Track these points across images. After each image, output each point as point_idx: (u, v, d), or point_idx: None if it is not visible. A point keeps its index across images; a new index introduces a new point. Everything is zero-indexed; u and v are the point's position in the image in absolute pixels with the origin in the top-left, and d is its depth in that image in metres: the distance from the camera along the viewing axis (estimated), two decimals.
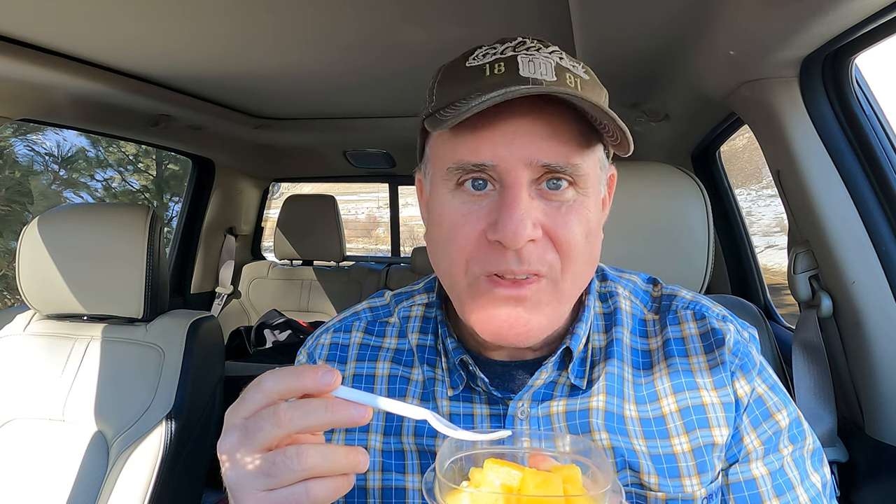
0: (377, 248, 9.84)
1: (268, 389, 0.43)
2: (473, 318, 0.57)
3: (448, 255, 0.57)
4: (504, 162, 0.53)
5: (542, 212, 0.54)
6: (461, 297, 0.58)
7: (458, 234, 0.55)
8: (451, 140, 0.56)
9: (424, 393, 0.65)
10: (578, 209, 0.55)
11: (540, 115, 0.53)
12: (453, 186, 0.56)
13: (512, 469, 0.43)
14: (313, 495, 0.41)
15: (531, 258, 0.54)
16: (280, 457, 0.42)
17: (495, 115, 0.53)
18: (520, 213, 0.52)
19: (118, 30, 1.25)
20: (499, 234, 0.52)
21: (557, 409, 0.61)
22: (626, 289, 0.70)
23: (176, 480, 1.32)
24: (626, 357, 0.64)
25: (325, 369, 0.43)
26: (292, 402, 0.43)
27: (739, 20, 0.93)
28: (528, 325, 0.55)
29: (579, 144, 0.54)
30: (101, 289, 1.42)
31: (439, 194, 0.58)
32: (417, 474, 0.62)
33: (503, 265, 0.54)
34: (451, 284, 0.59)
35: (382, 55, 1.44)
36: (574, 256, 0.55)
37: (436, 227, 0.59)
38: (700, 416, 0.60)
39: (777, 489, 0.60)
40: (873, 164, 0.97)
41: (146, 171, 4.90)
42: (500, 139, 0.53)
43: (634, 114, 1.74)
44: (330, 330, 0.72)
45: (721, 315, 0.66)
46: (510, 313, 0.55)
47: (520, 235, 0.51)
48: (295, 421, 0.42)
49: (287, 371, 0.44)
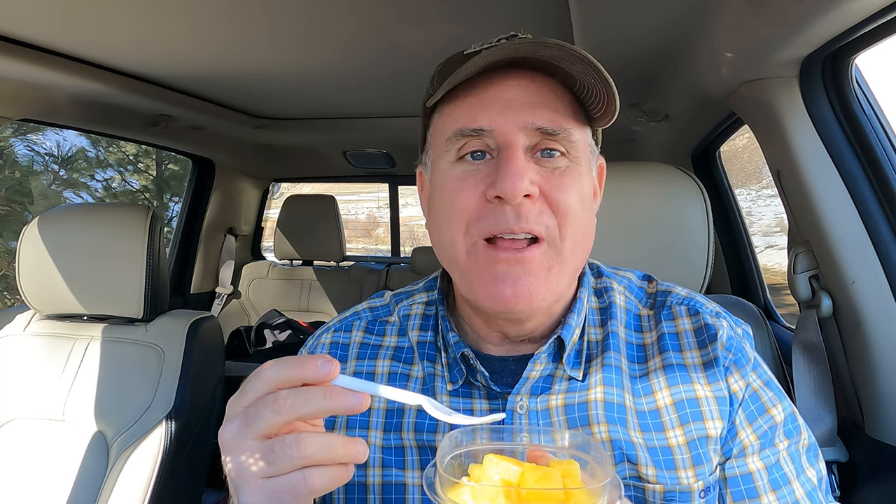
0: (377, 248, 9.84)
1: (268, 378, 0.44)
2: (475, 284, 0.59)
3: (449, 220, 0.59)
4: (500, 126, 0.57)
5: (537, 173, 0.57)
6: (462, 265, 0.60)
7: (458, 197, 0.58)
8: (451, 113, 0.60)
9: (424, 389, 0.66)
10: (572, 174, 0.59)
11: (533, 85, 0.58)
12: (454, 159, 0.59)
13: (512, 464, 0.43)
14: (311, 483, 0.42)
15: (529, 216, 0.56)
16: (279, 444, 0.42)
17: (490, 85, 0.58)
18: (517, 168, 0.55)
19: (118, 30, 1.26)
20: (497, 188, 0.55)
21: (556, 403, 0.62)
22: (622, 284, 0.71)
23: (176, 480, 1.32)
24: (622, 350, 0.65)
25: (324, 359, 0.44)
26: (292, 390, 0.43)
27: (739, 20, 0.93)
28: (529, 288, 0.57)
29: (570, 115, 0.59)
30: (101, 289, 1.42)
31: (440, 169, 0.61)
32: (417, 470, 0.62)
33: (503, 224, 0.56)
34: (452, 254, 0.60)
35: (382, 55, 1.44)
36: (571, 220, 0.58)
37: (437, 198, 0.62)
38: (694, 409, 0.61)
39: (773, 483, 0.61)
40: (873, 164, 0.97)
41: (146, 171, 4.90)
42: (495, 106, 0.57)
43: (634, 114, 1.74)
44: (330, 329, 0.73)
45: (715, 311, 0.67)
46: (511, 275, 0.57)
47: (518, 188, 0.55)
48: (295, 408, 0.42)
49: (287, 360, 0.45)
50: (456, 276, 0.62)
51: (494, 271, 0.57)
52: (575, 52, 0.54)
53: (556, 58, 0.55)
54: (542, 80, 0.58)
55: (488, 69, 0.57)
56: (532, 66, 0.58)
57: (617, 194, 1.12)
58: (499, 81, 0.58)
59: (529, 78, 0.58)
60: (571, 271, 0.61)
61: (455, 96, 0.59)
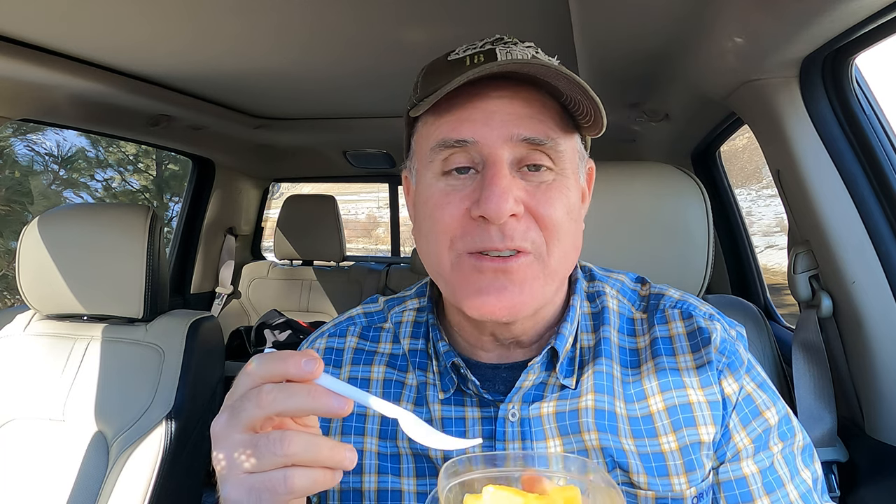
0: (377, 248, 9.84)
1: (252, 372, 0.44)
2: (461, 295, 0.58)
3: (434, 235, 0.58)
4: (484, 138, 0.55)
5: (523, 189, 0.56)
6: (448, 277, 0.59)
7: (442, 213, 0.57)
8: (434, 123, 0.58)
9: (419, 397, 0.65)
10: (559, 187, 0.58)
11: (517, 97, 0.56)
12: (438, 171, 0.58)
13: (513, 495, 0.42)
14: (291, 483, 0.41)
15: (514, 234, 0.55)
16: (263, 440, 0.42)
17: (475, 96, 0.56)
18: (501, 188, 0.54)
19: (119, 31, 1.25)
20: (482, 208, 0.54)
21: (548, 410, 0.62)
22: (614, 288, 0.70)
23: (176, 480, 1.32)
24: (614, 356, 0.64)
25: (308, 356, 0.44)
26: (276, 385, 0.43)
27: (739, 20, 0.92)
28: (514, 299, 0.56)
29: (557, 125, 0.57)
30: (101, 289, 1.42)
31: (424, 180, 0.60)
32: (413, 477, 0.62)
33: (487, 242, 0.55)
34: (437, 268, 0.60)
35: (383, 55, 1.44)
36: (558, 234, 0.57)
37: (421, 211, 0.60)
38: (686, 414, 0.61)
39: (767, 487, 0.61)
40: (873, 164, 0.97)
41: (146, 171, 4.89)
42: (479, 117, 0.56)
43: (634, 114, 1.74)
44: (325, 335, 0.72)
45: (708, 314, 0.67)
46: (496, 284, 0.56)
47: (502, 209, 0.53)
48: (276, 403, 0.42)
49: (272, 356, 0.44)
50: (442, 285, 0.62)
51: (479, 282, 0.56)
52: (561, 72, 0.53)
53: (542, 73, 0.54)
54: (528, 90, 0.57)
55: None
56: (517, 78, 0.57)
57: (617, 194, 1.12)
58: (483, 92, 0.56)
59: (514, 89, 0.57)
60: (558, 281, 0.60)
61: (438, 105, 0.57)
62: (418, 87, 0.61)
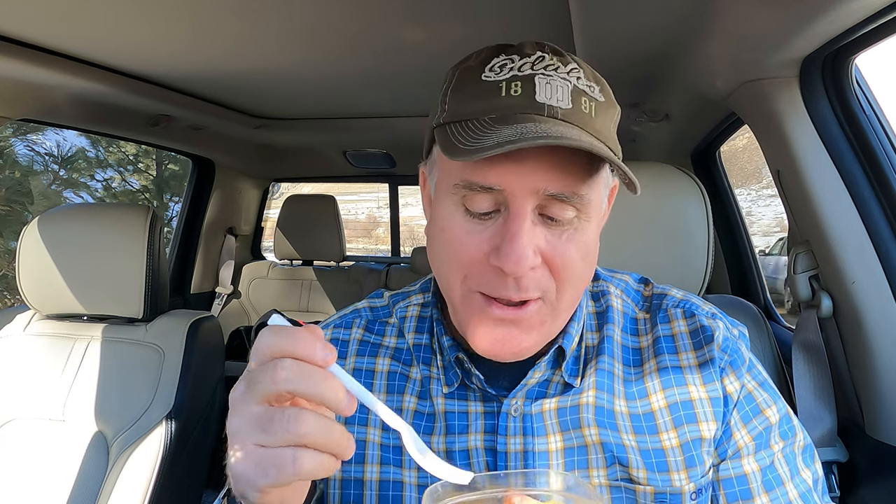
0: (377, 248, 9.84)
1: (262, 346, 0.43)
2: (467, 331, 0.58)
3: (448, 265, 0.58)
4: (511, 187, 0.53)
5: (543, 238, 0.54)
6: (457, 306, 0.59)
7: (460, 250, 0.56)
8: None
9: (422, 391, 0.66)
10: (580, 235, 0.56)
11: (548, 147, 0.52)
12: (459, 203, 0.56)
13: None
14: (299, 465, 0.40)
15: (529, 286, 0.54)
16: (278, 414, 0.41)
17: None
18: (522, 245, 0.52)
19: (119, 31, 1.25)
20: (501, 261, 0.53)
21: (550, 407, 0.62)
22: (619, 288, 0.71)
23: (176, 480, 1.32)
24: (616, 354, 0.65)
25: (322, 344, 0.43)
26: (294, 363, 0.42)
27: (739, 20, 0.93)
28: (520, 345, 0.57)
29: (586, 172, 0.54)
30: (101, 289, 1.42)
31: (444, 205, 0.58)
32: (415, 469, 0.63)
33: (501, 291, 0.55)
34: (447, 290, 0.60)
35: (383, 55, 1.44)
36: (571, 280, 0.56)
37: (438, 234, 0.59)
38: (688, 411, 0.62)
39: (767, 485, 0.61)
40: (873, 164, 0.97)
41: (146, 171, 4.90)
42: (509, 165, 0.52)
43: (634, 114, 1.74)
44: (330, 326, 0.72)
45: (710, 313, 0.67)
46: (504, 332, 0.56)
47: (522, 266, 0.52)
48: (289, 381, 0.41)
49: (286, 333, 0.43)
50: (449, 305, 0.62)
51: (487, 324, 0.56)
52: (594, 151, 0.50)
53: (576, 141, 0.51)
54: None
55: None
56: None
57: (617, 194, 1.12)
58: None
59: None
60: (564, 317, 0.60)
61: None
62: (447, 102, 0.58)
